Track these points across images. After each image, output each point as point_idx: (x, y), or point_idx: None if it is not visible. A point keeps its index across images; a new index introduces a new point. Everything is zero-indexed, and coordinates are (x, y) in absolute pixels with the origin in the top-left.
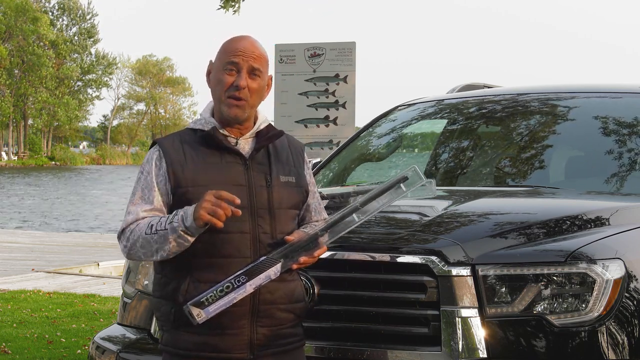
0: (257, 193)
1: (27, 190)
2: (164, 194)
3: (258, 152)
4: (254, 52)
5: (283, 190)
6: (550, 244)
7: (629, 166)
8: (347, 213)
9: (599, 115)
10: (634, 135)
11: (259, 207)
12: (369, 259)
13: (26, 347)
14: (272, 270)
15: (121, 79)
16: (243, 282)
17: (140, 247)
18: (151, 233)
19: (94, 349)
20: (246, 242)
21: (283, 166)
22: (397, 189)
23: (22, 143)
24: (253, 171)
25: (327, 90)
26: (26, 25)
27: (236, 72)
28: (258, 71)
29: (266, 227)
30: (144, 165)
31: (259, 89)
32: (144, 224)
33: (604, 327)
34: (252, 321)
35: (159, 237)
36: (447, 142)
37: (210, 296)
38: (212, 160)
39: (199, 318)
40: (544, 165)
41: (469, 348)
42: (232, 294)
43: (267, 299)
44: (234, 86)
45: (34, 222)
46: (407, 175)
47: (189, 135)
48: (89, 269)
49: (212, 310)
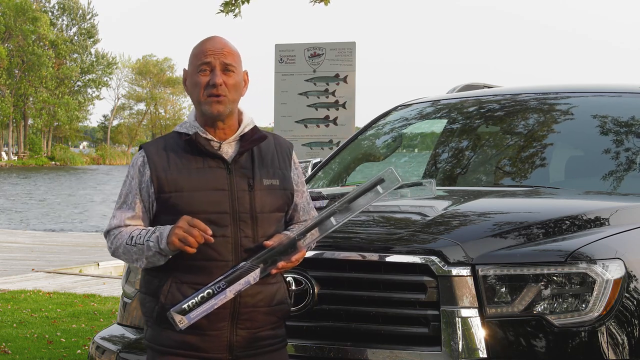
0: (239, 197)
1: (27, 190)
2: (146, 200)
3: (241, 156)
4: (223, 49)
5: (266, 194)
6: (550, 244)
7: (629, 166)
8: (325, 217)
9: (598, 115)
10: (634, 135)
11: (241, 212)
12: (368, 259)
13: (26, 347)
14: (251, 275)
15: (121, 79)
16: (223, 288)
17: (122, 253)
18: (131, 244)
19: (94, 349)
20: (228, 246)
21: (267, 169)
22: (374, 192)
23: (22, 143)
24: (236, 175)
25: (327, 90)
26: (26, 25)
27: (210, 71)
28: (231, 66)
29: (248, 231)
30: (129, 169)
31: (235, 84)
32: (125, 234)
33: (604, 327)
34: (232, 323)
35: (137, 249)
36: (446, 142)
37: (191, 303)
38: (195, 165)
39: (181, 324)
40: (543, 165)
41: (469, 348)
42: (212, 300)
43: (248, 303)
44: (211, 84)
45: (34, 222)
46: (384, 177)
47: (175, 139)
48: (89, 269)
49: (194, 316)
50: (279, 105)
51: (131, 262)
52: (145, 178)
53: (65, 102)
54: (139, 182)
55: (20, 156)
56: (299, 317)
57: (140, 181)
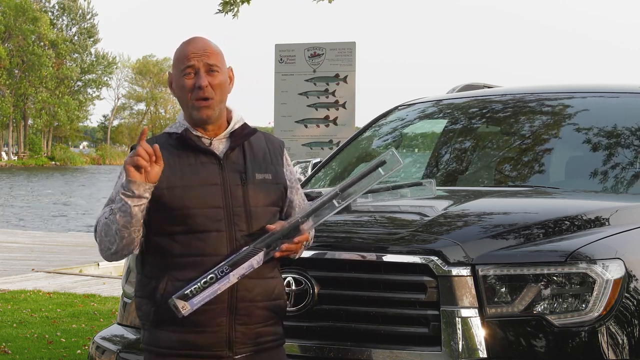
0: (233, 192)
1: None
2: None
3: (233, 151)
4: (205, 50)
5: (259, 188)
6: (550, 244)
7: (629, 166)
8: (328, 199)
9: (599, 115)
10: (634, 136)
11: (235, 206)
12: (369, 258)
13: (26, 347)
14: (254, 259)
15: (121, 79)
16: (226, 272)
17: (104, 236)
18: (109, 216)
19: (94, 349)
20: (222, 240)
21: (259, 164)
22: (376, 173)
23: (22, 143)
24: (228, 170)
25: (327, 90)
26: (26, 25)
27: (194, 73)
28: (215, 67)
29: (242, 225)
30: (121, 170)
31: (220, 84)
32: (106, 212)
33: (604, 327)
34: (231, 319)
35: (112, 218)
36: (447, 142)
37: (194, 288)
38: (187, 161)
39: (184, 310)
40: (544, 165)
41: (469, 348)
42: (216, 285)
43: (245, 297)
44: (197, 87)
45: (34, 222)
46: (385, 159)
47: (165, 139)
48: (89, 269)
49: (197, 302)
50: (279, 105)
51: (114, 243)
52: None
53: (65, 102)
54: None
55: (20, 156)
56: (299, 317)
57: None
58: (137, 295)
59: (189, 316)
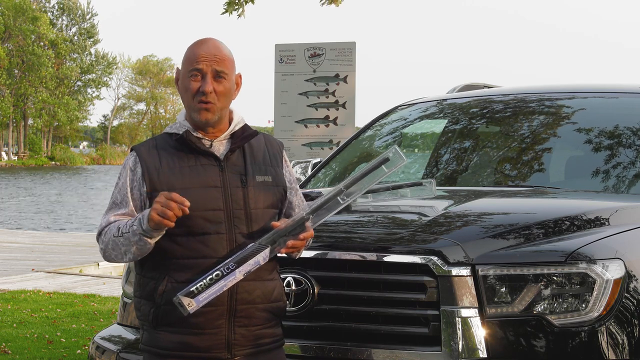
0: (233, 194)
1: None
2: (138, 198)
3: (233, 153)
4: (216, 56)
5: (259, 190)
6: (550, 244)
7: (629, 166)
8: (332, 196)
9: (599, 115)
10: (634, 136)
11: (235, 208)
12: (369, 259)
13: (26, 347)
14: (260, 255)
15: (121, 79)
16: (232, 269)
17: (111, 250)
18: (118, 235)
19: (94, 349)
20: (223, 242)
21: (259, 166)
22: (379, 170)
23: (22, 143)
24: (228, 172)
25: (327, 90)
26: (26, 25)
27: (201, 77)
28: (223, 73)
29: (243, 227)
30: (121, 171)
31: (225, 91)
32: (113, 227)
33: (604, 327)
34: (230, 321)
35: (124, 239)
36: (447, 142)
37: (200, 285)
38: (187, 163)
39: (189, 307)
40: (544, 165)
41: (469, 348)
42: (221, 282)
43: (244, 299)
44: (200, 92)
45: (34, 222)
46: (388, 156)
47: (165, 140)
48: (89, 269)
49: (203, 299)
50: (279, 105)
51: (121, 259)
52: (137, 177)
53: (65, 102)
54: (131, 181)
55: (20, 156)
56: (299, 317)
57: (132, 180)
58: (136, 296)
59: (188, 318)
